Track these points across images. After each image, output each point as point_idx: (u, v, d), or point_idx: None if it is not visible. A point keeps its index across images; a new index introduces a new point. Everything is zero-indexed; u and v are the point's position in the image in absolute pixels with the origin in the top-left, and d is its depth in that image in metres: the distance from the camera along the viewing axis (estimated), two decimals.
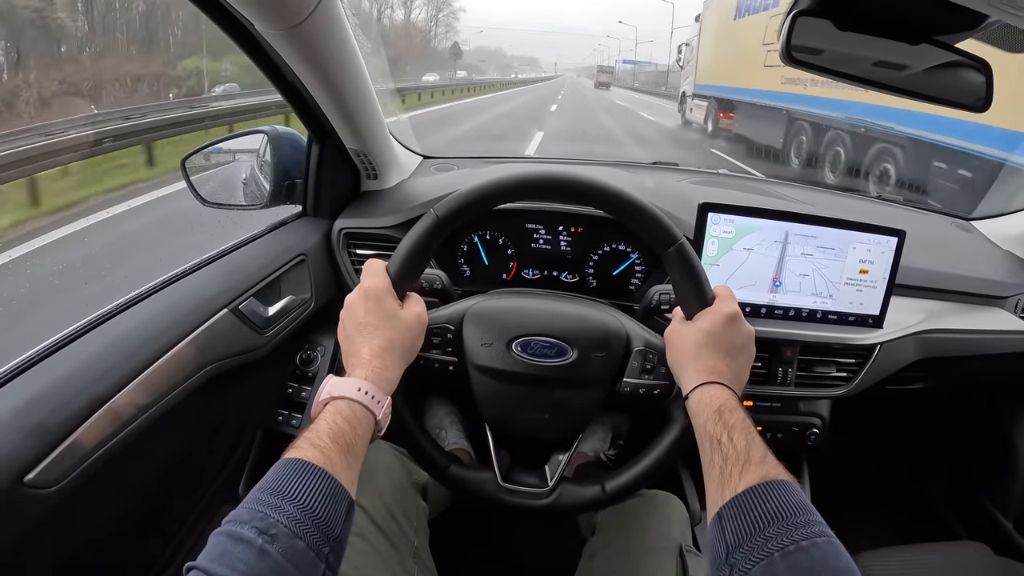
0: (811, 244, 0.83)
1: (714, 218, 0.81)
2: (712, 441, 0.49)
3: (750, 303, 0.85)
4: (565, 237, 0.96)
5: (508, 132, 9.93)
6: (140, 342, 0.64)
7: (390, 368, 0.54)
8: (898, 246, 0.83)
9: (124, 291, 0.71)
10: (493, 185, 0.59)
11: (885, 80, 0.68)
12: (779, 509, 0.41)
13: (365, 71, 0.80)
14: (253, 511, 0.40)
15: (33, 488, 0.51)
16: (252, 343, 0.78)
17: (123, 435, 0.59)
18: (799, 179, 4.67)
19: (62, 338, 0.62)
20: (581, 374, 0.63)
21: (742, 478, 0.45)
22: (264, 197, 0.95)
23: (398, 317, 0.56)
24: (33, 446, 0.51)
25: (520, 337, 0.63)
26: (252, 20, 0.62)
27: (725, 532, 0.43)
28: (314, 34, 0.66)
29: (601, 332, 0.64)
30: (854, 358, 0.87)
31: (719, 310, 0.57)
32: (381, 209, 0.97)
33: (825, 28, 0.63)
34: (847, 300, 0.85)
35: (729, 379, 0.54)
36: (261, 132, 0.97)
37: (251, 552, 0.37)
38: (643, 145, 8.88)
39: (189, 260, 0.80)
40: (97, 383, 0.58)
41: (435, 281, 0.76)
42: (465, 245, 0.98)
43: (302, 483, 0.42)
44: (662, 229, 0.58)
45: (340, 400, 0.49)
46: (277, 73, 0.75)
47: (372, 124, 0.89)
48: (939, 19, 0.61)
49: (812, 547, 0.39)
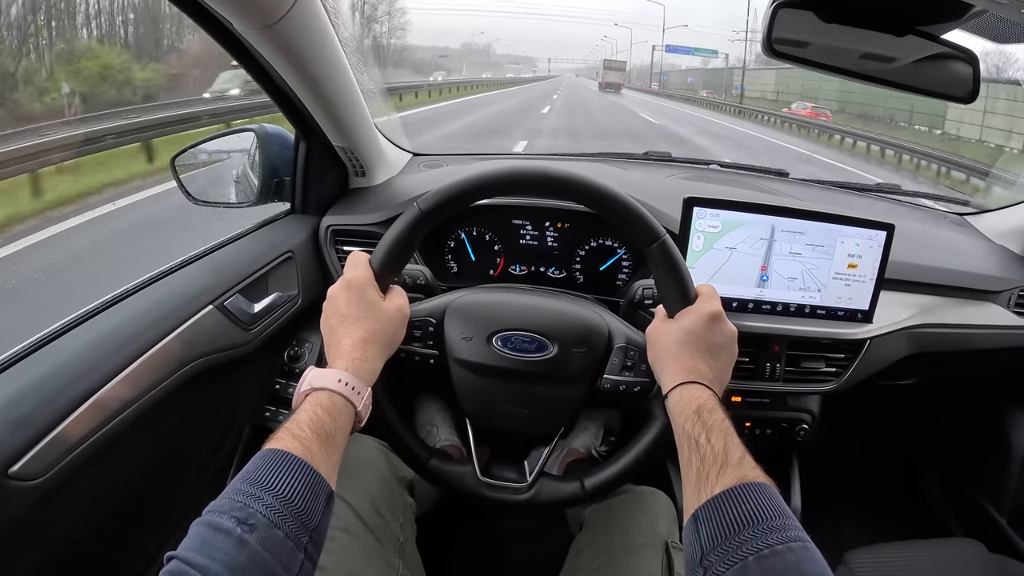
0: (799, 238, 0.82)
1: (700, 212, 0.81)
2: (690, 441, 0.49)
3: (737, 298, 0.84)
4: (552, 233, 0.96)
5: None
6: (125, 338, 0.64)
7: (371, 359, 0.54)
8: (887, 240, 0.82)
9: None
10: (476, 179, 0.59)
11: (873, 73, 0.67)
12: (755, 512, 0.41)
13: (348, 68, 0.80)
14: (232, 501, 0.40)
15: (17, 480, 0.51)
16: (238, 339, 0.78)
17: (108, 429, 0.59)
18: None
19: (48, 334, 0.63)
20: (561, 370, 0.63)
21: (719, 480, 0.44)
22: (253, 195, 0.95)
23: (380, 309, 0.56)
24: (18, 439, 0.52)
25: (500, 332, 0.63)
26: (230, 19, 0.62)
27: (700, 534, 0.42)
28: (293, 32, 0.66)
29: (582, 328, 0.64)
30: (843, 353, 0.87)
31: (701, 309, 0.57)
32: (368, 206, 0.97)
33: (808, 20, 0.63)
34: (836, 295, 0.85)
35: (709, 379, 0.54)
36: (250, 131, 0.97)
37: (230, 541, 0.37)
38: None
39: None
40: (82, 378, 0.59)
41: (419, 277, 0.76)
42: (452, 241, 0.98)
43: (281, 473, 0.42)
44: (645, 225, 0.58)
45: (320, 391, 0.49)
46: (260, 71, 0.75)
47: (357, 121, 0.90)
48: (923, 9, 0.61)
49: (787, 552, 0.39)
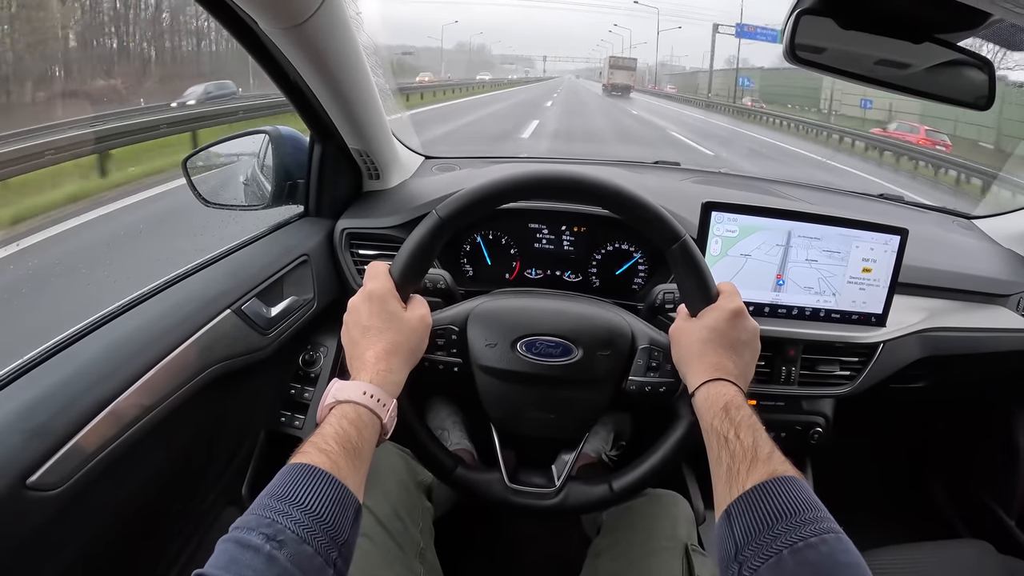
0: (814, 243, 0.83)
1: (717, 217, 0.81)
2: (719, 438, 0.49)
3: (753, 302, 0.85)
4: (568, 237, 0.96)
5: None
6: (142, 344, 0.64)
7: (395, 371, 0.53)
8: (901, 245, 0.83)
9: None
10: (495, 185, 0.58)
11: (888, 79, 0.68)
12: (787, 506, 0.41)
13: (368, 70, 0.80)
14: (260, 517, 0.40)
15: (36, 491, 0.50)
16: (255, 344, 0.77)
17: (125, 437, 0.59)
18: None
19: (63, 340, 0.62)
20: (586, 373, 0.62)
21: (750, 475, 0.45)
22: (266, 197, 0.94)
23: (402, 319, 0.56)
24: (36, 448, 0.51)
25: (524, 337, 0.63)
26: (255, 18, 0.62)
27: (734, 529, 0.43)
28: (317, 32, 0.65)
29: (606, 330, 0.64)
30: (857, 357, 0.87)
31: (723, 306, 0.57)
32: (383, 209, 0.97)
33: (828, 27, 0.63)
34: (850, 299, 0.86)
35: (735, 375, 0.54)
36: (263, 132, 0.96)
37: (259, 559, 0.37)
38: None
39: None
40: (99, 385, 0.58)
41: (439, 281, 0.75)
42: (468, 245, 0.97)
43: (309, 488, 0.42)
44: (666, 226, 0.58)
45: (346, 404, 0.49)
46: (279, 72, 0.75)
47: (374, 124, 0.89)
48: (941, 17, 0.61)
49: (821, 543, 0.39)
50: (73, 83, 9.26)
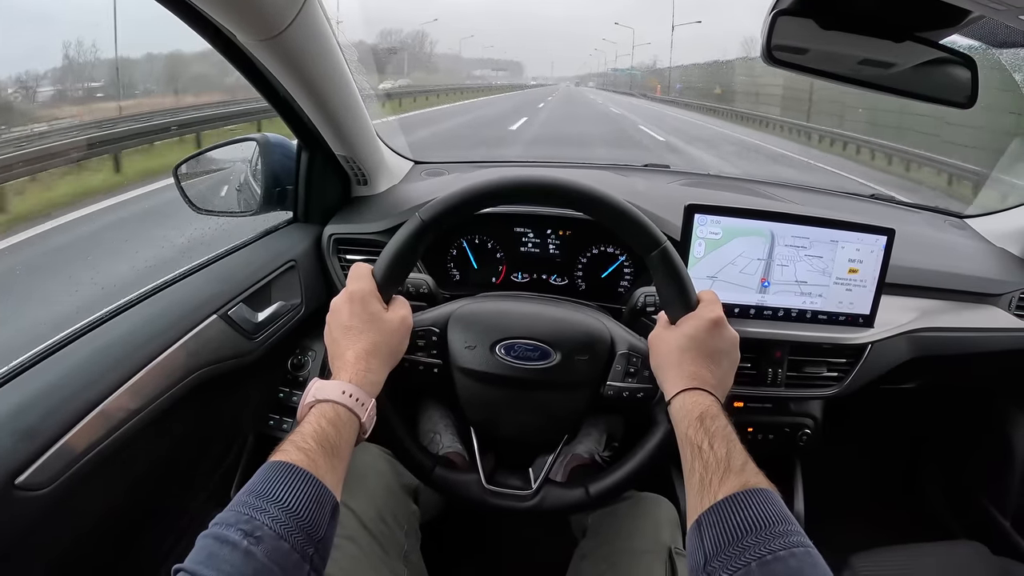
0: (799, 244, 0.83)
1: (701, 219, 0.81)
2: (693, 448, 0.49)
3: (739, 304, 0.85)
4: (554, 240, 0.96)
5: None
6: (130, 348, 0.65)
7: (375, 371, 0.54)
8: (887, 245, 0.82)
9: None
10: (477, 189, 0.59)
11: (871, 79, 0.67)
12: (758, 518, 0.41)
13: (350, 78, 0.80)
14: (239, 513, 0.40)
15: (24, 490, 0.51)
16: (242, 348, 0.78)
17: (113, 439, 0.60)
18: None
19: (52, 344, 0.63)
20: (564, 377, 0.63)
21: (722, 486, 0.45)
22: (256, 204, 0.95)
23: (383, 320, 0.56)
24: (24, 449, 0.52)
25: (503, 340, 0.63)
26: (233, 31, 0.63)
27: (703, 540, 0.43)
28: (296, 43, 0.66)
29: (584, 335, 0.64)
30: (845, 358, 0.87)
31: (703, 315, 0.57)
32: (371, 214, 0.98)
33: (807, 27, 0.63)
34: (837, 299, 0.85)
35: (712, 385, 0.54)
36: (252, 140, 0.98)
37: (237, 554, 0.38)
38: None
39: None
40: (87, 388, 0.59)
41: (421, 286, 0.76)
42: (454, 249, 0.98)
43: (287, 486, 0.43)
44: (645, 232, 0.58)
45: (325, 403, 0.50)
46: (263, 82, 0.76)
47: (359, 130, 0.90)
48: (922, 15, 0.61)
49: (789, 557, 0.39)
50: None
